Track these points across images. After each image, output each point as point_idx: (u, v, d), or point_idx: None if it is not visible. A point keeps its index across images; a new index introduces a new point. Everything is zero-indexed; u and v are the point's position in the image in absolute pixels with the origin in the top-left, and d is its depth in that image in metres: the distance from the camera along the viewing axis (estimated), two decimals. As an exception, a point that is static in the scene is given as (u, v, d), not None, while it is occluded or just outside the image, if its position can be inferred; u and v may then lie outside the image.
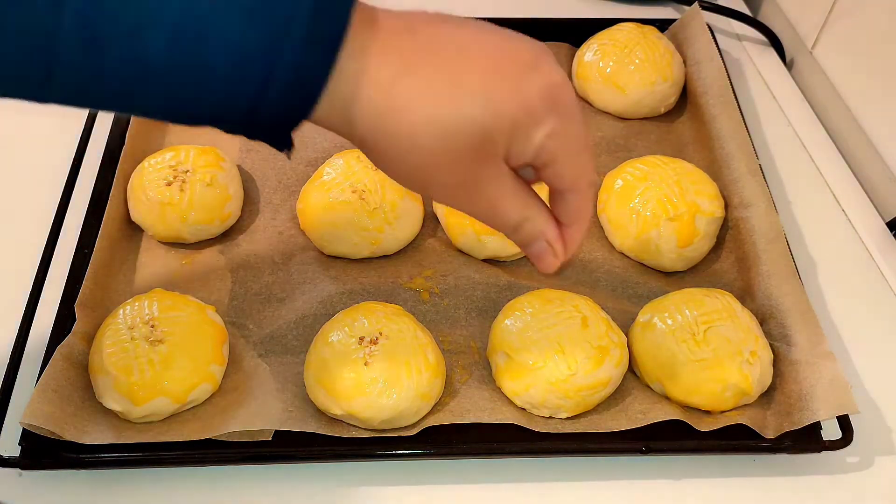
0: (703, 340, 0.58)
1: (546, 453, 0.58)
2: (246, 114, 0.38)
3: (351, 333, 0.58)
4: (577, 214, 0.46)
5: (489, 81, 0.40)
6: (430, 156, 0.40)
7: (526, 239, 0.46)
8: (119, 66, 0.35)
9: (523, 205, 0.44)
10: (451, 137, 0.39)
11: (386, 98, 0.39)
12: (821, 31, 0.86)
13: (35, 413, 0.54)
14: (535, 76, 0.40)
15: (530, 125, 0.41)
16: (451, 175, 0.41)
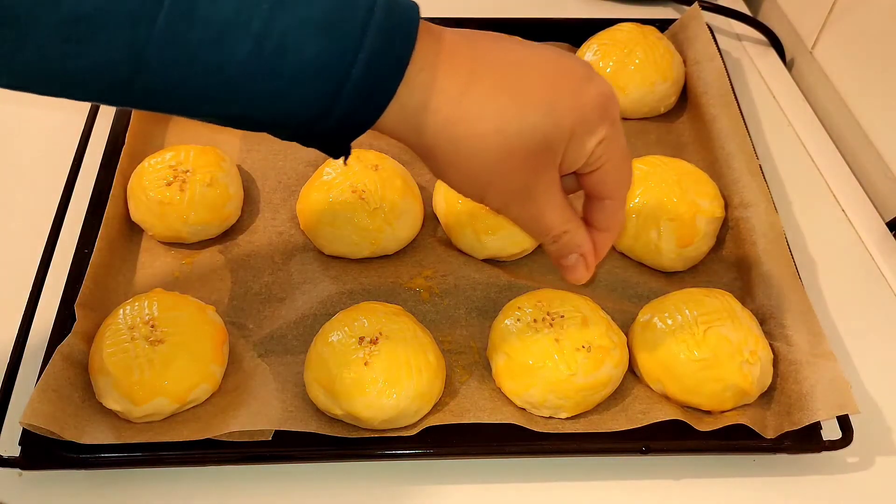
0: (703, 340, 0.58)
1: (546, 453, 0.58)
2: (313, 121, 0.41)
3: (351, 333, 0.58)
4: (612, 221, 0.49)
5: (550, 93, 0.42)
6: (494, 162, 0.43)
7: (563, 250, 0.49)
8: (200, 72, 0.38)
9: (566, 218, 0.47)
10: (516, 145, 0.42)
11: (456, 107, 0.41)
12: (821, 31, 0.86)
13: (35, 413, 0.54)
14: (590, 88, 0.43)
15: (585, 133, 0.43)
16: (510, 181, 0.44)
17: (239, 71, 0.38)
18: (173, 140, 0.77)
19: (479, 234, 0.67)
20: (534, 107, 0.42)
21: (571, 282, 0.50)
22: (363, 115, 0.41)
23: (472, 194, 0.46)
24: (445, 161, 0.44)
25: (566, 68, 0.44)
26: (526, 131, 0.42)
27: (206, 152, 0.70)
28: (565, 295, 0.62)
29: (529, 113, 0.42)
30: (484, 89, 0.42)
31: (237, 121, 0.42)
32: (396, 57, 0.40)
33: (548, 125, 0.42)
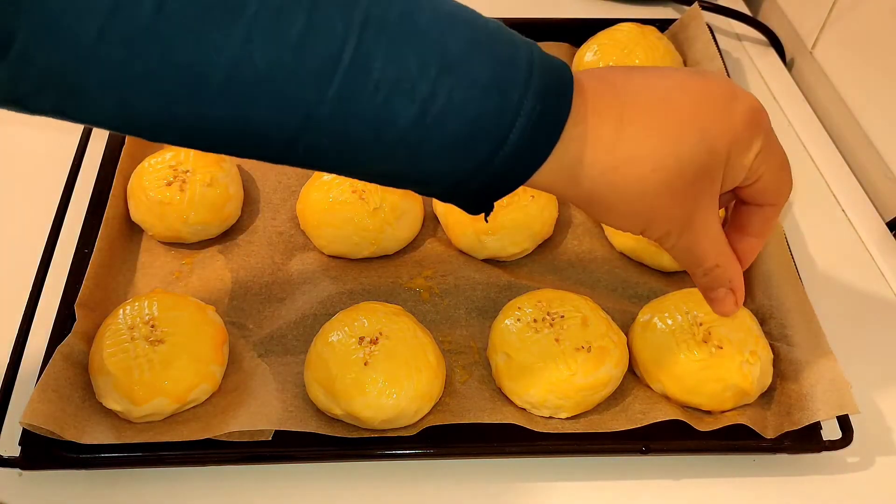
0: (702, 340, 0.58)
1: (546, 453, 0.58)
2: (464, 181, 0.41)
3: (351, 333, 0.58)
4: (766, 227, 0.48)
5: (700, 120, 0.42)
6: (656, 198, 0.42)
7: (713, 283, 0.48)
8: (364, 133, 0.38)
9: (720, 251, 0.46)
10: (675, 179, 0.42)
11: (611, 155, 0.41)
12: (821, 31, 0.86)
13: (35, 413, 0.54)
14: (737, 106, 0.43)
15: (741, 151, 0.43)
16: (671, 214, 0.43)
17: (402, 132, 0.38)
18: (173, 140, 0.77)
19: (479, 234, 0.67)
20: (686, 138, 0.41)
21: (720, 314, 0.49)
22: (515, 176, 0.41)
23: (633, 231, 0.45)
24: (606, 207, 0.43)
25: (711, 91, 0.43)
26: (683, 164, 0.42)
27: (207, 152, 0.70)
28: (565, 295, 0.62)
29: (683, 145, 0.41)
30: (636, 131, 0.41)
31: (385, 177, 0.42)
32: (553, 119, 0.40)
33: (703, 153, 0.42)
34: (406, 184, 0.42)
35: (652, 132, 0.41)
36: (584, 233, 0.72)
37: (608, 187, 0.42)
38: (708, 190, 0.43)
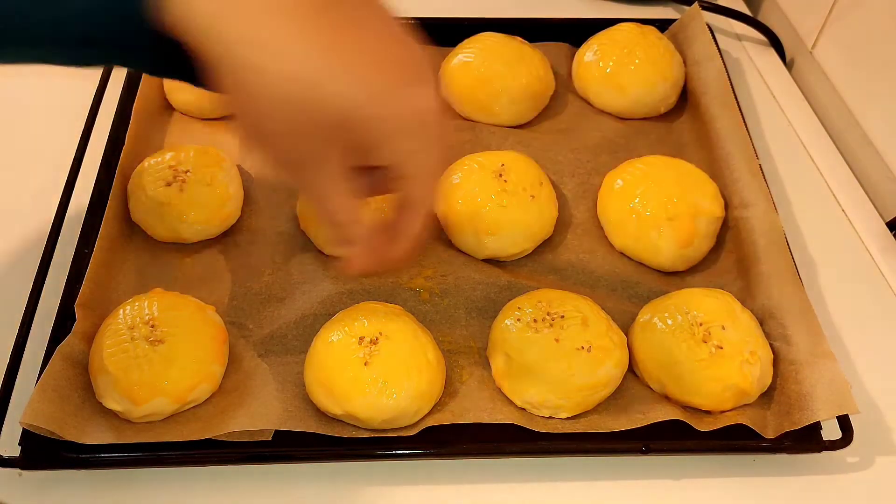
0: (702, 340, 0.58)
1: (546, 453, 0.58)
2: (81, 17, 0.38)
3: (351, 333, 0.58)
4: (408, 228, 0.48)
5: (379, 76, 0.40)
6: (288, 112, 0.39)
7: (349, 239, 0.48)
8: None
9: (355, 209, 0.47)
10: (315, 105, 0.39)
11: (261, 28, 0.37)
12: (821, 31, 0.86)
13: (35, 413, 0.54)
14: (415, 94, 0.41)
15: (393, 135, 0.42)
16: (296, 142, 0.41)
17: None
18: (173, 140, 0.77)
19: (479, 234, 0.67)
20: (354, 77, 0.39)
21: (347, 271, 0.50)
22: None
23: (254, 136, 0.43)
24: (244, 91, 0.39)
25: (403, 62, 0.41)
26: (333, 97, 0.38)
27: (206, 152, 0.70)
28: (565, 295, 0.62)
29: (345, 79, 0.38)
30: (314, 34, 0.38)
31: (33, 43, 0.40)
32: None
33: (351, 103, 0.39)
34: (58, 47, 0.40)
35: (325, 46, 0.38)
36: (584, 233, 0.72)
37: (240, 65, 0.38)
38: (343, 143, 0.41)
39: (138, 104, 0.75)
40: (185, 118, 0.79)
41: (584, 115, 0.82)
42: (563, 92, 0.83)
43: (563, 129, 0.80)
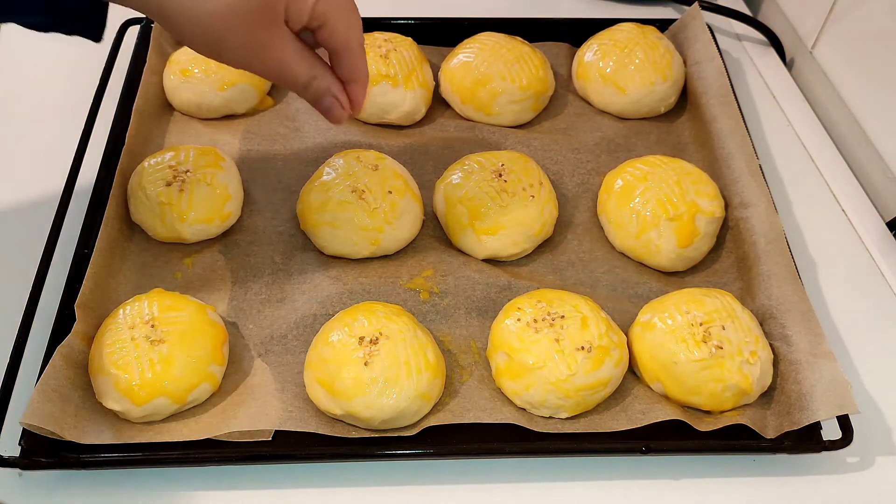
0: (702, 340, 0.58)
1: (546, 453, 0.58)
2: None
3: (351, 333, 0.58)
4: (354, 71, 0.54)
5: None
6: (219, 21, 0.48)
7: (316, 94, 0.54)
8: None
9: (310, 65, 0.53)
10: (238, 3, 0.47)
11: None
12: (821, 31, 0.86)
13: (35, 413, 0.54)
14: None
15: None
16: (239, 39, 0.49)
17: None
18: (173, 140, 0.77)
19: (479, 234, 0.67)
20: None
21: (333, 122, 0.56)
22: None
23: (206, 51, 0.50)
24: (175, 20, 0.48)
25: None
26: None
27: (206, 152, 0.70)
28: (565, 295, 0.62)
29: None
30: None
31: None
32: None
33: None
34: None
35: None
36: (584, 233, 0.72)
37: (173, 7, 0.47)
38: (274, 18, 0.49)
39: (138, 104, 0.75)
40: (185, 118, 0.79)
41: (584, 115, 0.82)
42: (563, 92, 0.83)
43: (563, 129, 0.80)
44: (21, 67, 0.87)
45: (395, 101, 0.77)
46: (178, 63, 0.78)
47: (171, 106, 0.80)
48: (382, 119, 0.79)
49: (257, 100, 0.79)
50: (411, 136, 0.79)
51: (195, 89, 0.77)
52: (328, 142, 0.77)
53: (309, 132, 0.78)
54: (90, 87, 0.77)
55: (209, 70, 0.77)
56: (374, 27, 0.83)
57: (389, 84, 0.77)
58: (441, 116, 0.81)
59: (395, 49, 0.78)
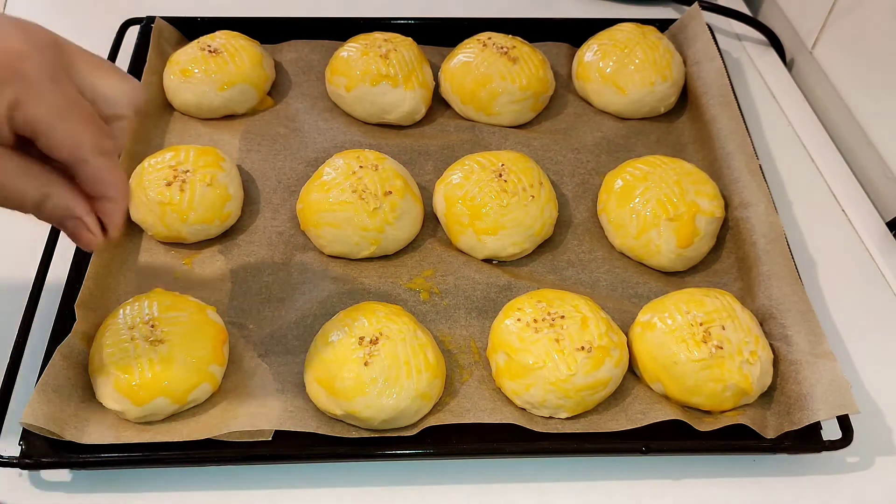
0: (702, 340, 0.58)
1: (546, 453, 0.58)
2: None
3: (351, 333, 0.58)
4: (97, 186, 0.44)
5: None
6: None
7: (53, 217, 0.45)
8: None
9: (38, 182, 0.43)
10: None
11: None
12: (821, 31, 0.86)
13: (35, 413, 0.54)
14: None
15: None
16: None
17: None
18: (173, 140, 0.77)
19: (479, 234, 0.67)
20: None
21: (84, 248, 0.47)
22: None
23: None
24: None
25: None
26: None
27: (206, 152, 0.70)
28: (565, 295, 0.62)
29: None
30: None
31: None
32: None
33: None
34: None
35: None
36: (584, 233, 0.72)
37: None
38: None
39: (138, 104, 0.75)
40: (185, 118, 0.79)
41: (584, 115, 0.82)
42: (563, 92, 0.83)
43: (563, 129, 0.80)
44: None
45: (395, 101, 0.77)
46: (178, 63, 0.78)
47: (171, 106, 0.80)
48: (382, 119, 0.79)
49: (257, 100, 0.79)
50: (411, 136, 0.79)
51: (195, 89, 0.77)
52: (328, 142, 0.77)
53: (309, 132, 0.78)
54: (90, 87, 0.77)
55: (209, 70, 0.77)
56: (374, 27, 0.83)
57: (389, 84, 0.77)
58: (441, 116, 0.81)
59: (395, 49, 0.78)
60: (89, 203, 0.45)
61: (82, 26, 0.92)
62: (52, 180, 0.44)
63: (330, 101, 0.81)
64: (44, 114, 0.41)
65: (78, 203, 0.45)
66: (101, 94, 0.45)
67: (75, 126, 0.42)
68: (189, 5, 0.88)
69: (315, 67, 0.84)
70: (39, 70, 0.41)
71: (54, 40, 0.43)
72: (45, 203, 0.44)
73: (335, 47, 0.82)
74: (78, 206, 0.45)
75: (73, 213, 0.45)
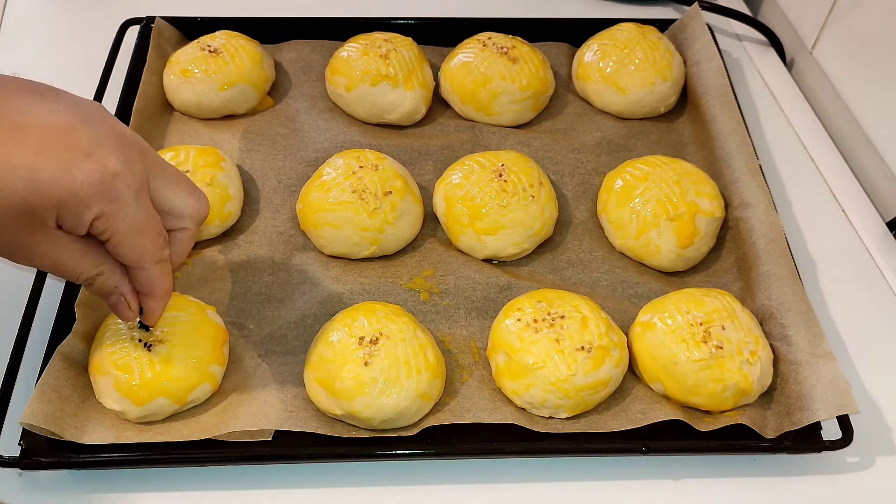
0: (702, 340, 0.58)
1: (546, 453, 0.58)
2: None
3: (351, 333, 0.58)
4: (148, 288, 0.51)
5: (37, 161, 0.42)
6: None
7: (101, 291, 0.51)
8: None
9: (93, 263, 0.49)
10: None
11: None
12: (821, 31, 0.86)
13: (35, 413, 0.54)
14: (87, 164, 0.44)
15: (77, 207, 0.44)
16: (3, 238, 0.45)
17: None
18: (173, 140, 0.77)
19: (479, 234, 0.67)
20: (16, 172, 0.42)
21: (121, 319, 0.54)
22: None
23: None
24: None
25: (70, 139, 0.44)
26: (4, 195, 0.42)
27: (206, 152, 0.70)
28: (565, 295, 0.62)
29: (9, 177, 0.42)
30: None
31: None
32: None
33: (28, 192, 0.42)
34: None
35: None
36: (584, 233, 0.72)
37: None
38: (40, 225, 0.44)
39: (138, 104, 0.75)
40: (185, 118, 0.79)
41: (584, 115, 0.82)
42: (563, 92, 0.83)
43: (563, 129, 0.80)
44: (21, 67, 0.87)
45: (395, 101, 0.77)
46: (178, 63, 0.78)
47: (171, 106, 0.80)
48: (382, 119, 0.79)
49: (257, 100, 0.80)
50: (411, 136, 0.79)
51: (195, 89, 0.77)
52: (328, 142, 0.77)
53: (309, 132, 0.78)
54: (90, 87, 0.77)
55: (209, 70, 0.77)
56: (374, 27, 0.83)
57: (389, 84, 0.77)
58: (441, 116, 0.81)
59: (395, 49, 0.78)
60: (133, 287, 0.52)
61: (82, 26, 0.92)
62: (106, 261, 0.49)
63: (330, 101, 0.81)
64: (122, 229, 0.46)
65: (124, 284, 0.51)
66: (172, 207, 0.50)
67: (145, 241, 0.48)
68: (189, 5, 0.88)
69: (315, 67, 0.84)
70: (127, 190, 0.45)
71: (142, 151, 0.48)
72: (97, 279, 0.50)
73: (335, 47, 0.82)
74: (123, 286, 0.51)
75: (118, 291, 0.51)
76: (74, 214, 0.44)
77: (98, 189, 0.44)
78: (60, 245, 0.46)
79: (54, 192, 0.43)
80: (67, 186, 0.43)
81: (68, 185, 0.43)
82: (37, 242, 0.46)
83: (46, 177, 0.42)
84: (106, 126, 0.46)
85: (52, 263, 0.47)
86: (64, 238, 0.46)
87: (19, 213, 0.43)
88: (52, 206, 0.43)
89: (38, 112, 0.44)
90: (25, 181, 0.42)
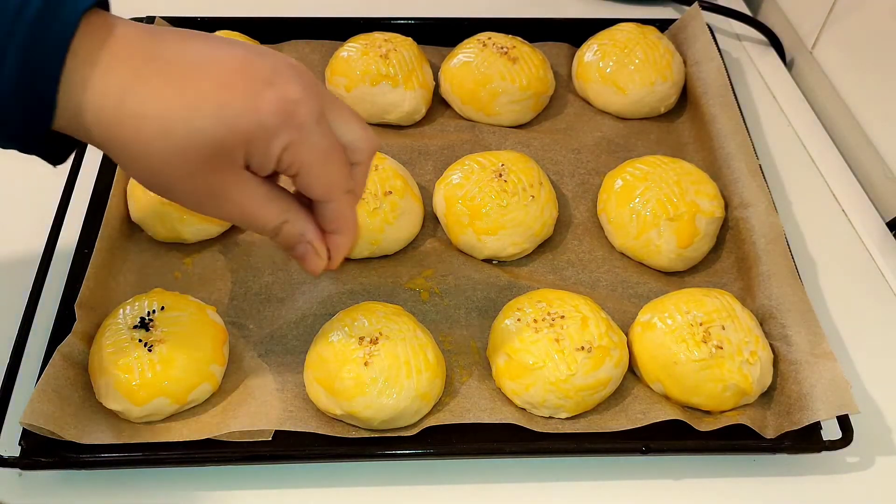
0: (702, 340, 0.58)
1: (546, 453, 0.58)
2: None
3: (351, 333, 0.58)
4: (337, 223, 0.49)
5: (222, 96, 0.41)
6: (165, 165, 0.42)
7: (287, 240, 0.49)
8: None
9: (280, 209, 0.47)
10: (184, 149, 0.41)
11: (117, 108, 0.40)
12: (821, 31, 0.86)
13: (35, 413, 0.54)
14: (270, 92, 0.42)
15: (266, 139, 0.43)
16: (190, 183, 0.43)
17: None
18: (173, 140, 0.77)
19: (479, 234, 0.67)
20: (202, 109, 0.41)
21: (308, 272, 0.51)
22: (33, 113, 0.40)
23: (158, 193, 0.45)
24: (120, 161, 0.43)
25: (248, 70, 0.42)
26: (193, 136, 0.41)
27: (206, 152, 0.70)
28: (565, 295, 0.62)
29: (196, 116, 0.41)
30: (150, 90, 0.40)
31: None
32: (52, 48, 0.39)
33: (217, 129, 0.41)
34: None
35: (166, 95, 0.41)
36: (584, 233, 0.72)
37: (113, 142, 0.41)
38: (230, 165, 0.43)
39: (138, 104, 0.75)
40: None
41: (584, 115, 0.82)
42: (563, 92, 0.83)
43: (563, 129, 0.80)
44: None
45: (395, 101, 0.77)
46: (178, 63, 0.78)
47: (171, 106, 0.80)
48: (382, 119, 0.79)
49: (257, 100, 0.79)
50: (411, 136, 0.79)
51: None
52: (328, 142, 0.77)
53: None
54: (90, 87, 0.77)
55: (209, 70, 0.77)
56: (374, 27, 0.83)
57: (389, 84, 0.77)
58: (441, 116, 0.81)
59: (395, 49, 0.78)
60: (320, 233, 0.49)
61: (82, 26, 0.92)
62: (292, 207, 0.48)
63: (330, 101, 0.81)
64: (310, 158, 0.45)
65: (311, 230, 0.49)
66: (347, 140, 0.48)
67: (333, 169, 0.46)
68: (189, 5, 0.88)
69: (315, 67, 0.84)
70: (310, 116, 0.44)
71: (318, 84, 0.46)
72: (283, 228, 0.48)
73: (335, 47, 0.82)
74: (310, 232, 0.49)
75: (305, 239, 0.49)
76: (264, 147, 0.43)
77: (283, 118, 0.42)
78: (248, 190, 0.45)
79: (242, 126, 0.42)
80: (255, 118, 0.42)
81: (255, 117, 0.42)
82: (226, 187, 0.44)
83: (233, 111, 0.41)
84: (279, 57, 0.45)
85: (241, 211, 0.46)
86: (251, 181, 0.45)
87: (210, 155, 0.42)
88: (241, 141, 0.42)
89: (214, 51, 0.43)
90: (213, 118, 0.41)
